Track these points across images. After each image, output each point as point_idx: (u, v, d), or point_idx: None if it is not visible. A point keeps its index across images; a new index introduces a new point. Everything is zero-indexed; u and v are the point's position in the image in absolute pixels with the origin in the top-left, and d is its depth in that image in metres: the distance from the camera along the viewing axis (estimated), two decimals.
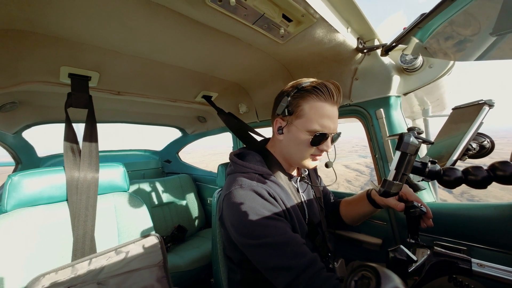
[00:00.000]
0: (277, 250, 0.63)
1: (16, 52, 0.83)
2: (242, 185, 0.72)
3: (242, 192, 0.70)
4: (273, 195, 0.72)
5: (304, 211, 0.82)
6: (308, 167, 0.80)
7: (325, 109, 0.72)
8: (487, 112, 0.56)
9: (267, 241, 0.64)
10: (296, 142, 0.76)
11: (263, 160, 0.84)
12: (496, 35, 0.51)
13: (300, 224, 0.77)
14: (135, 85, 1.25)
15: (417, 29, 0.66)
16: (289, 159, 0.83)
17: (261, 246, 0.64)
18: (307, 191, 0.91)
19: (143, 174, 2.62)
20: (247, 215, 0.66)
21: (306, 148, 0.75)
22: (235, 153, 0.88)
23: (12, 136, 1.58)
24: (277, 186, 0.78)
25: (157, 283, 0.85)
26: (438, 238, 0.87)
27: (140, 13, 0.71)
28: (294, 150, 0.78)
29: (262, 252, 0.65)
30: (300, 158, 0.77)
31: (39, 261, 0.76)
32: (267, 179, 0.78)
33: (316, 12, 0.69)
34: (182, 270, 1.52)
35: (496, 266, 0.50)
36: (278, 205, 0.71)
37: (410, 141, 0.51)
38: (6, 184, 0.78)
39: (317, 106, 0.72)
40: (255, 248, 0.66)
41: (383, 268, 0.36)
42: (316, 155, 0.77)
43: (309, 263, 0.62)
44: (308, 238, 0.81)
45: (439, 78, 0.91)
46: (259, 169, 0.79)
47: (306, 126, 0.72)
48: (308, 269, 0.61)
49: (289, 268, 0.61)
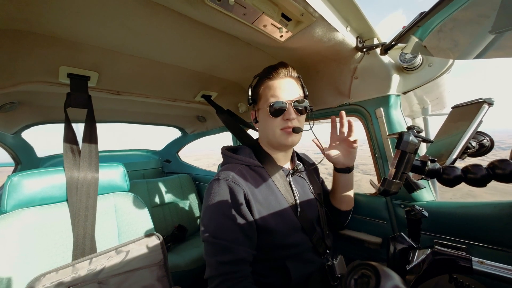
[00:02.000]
0: (216, 251, 0.69)
1: (15, 52, 0.83)
2: (219, 176, 0.76)
3: (216, 184, 0.75)
4: (245, 191, 0.74)
5: (296, 206, 0.81)
6: (284, 143, 0.80)
7: (275, 83, 0.80)
8: (486, 110, 0.56)
9: (214, 241, 0.69)
10: (265, 122, 0.83)
11: (252, 153, 0.87)
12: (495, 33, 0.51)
13: (286, 219, 0.77)
14: (135, 85, 1.25)
15: (416, 28, 0.65)
16: (270, 143, 0.85)
17: (208, 242, 0.70)
18: (302, 186, 0.90)
19: (143, 174, 2.62)
20: (210, 210, 0.73)
21: (273, 122, 0.79)
22: (229, 148, 0.92)
23: (12, 136, 1.58)
24: (261, 179, 0.80)
25: (157, 283, 0.85)
26: (438, 237, 0.88)
27: (139, 13, 0.70)
28: (266, 130, 0.83)
29: (206, 245, 0.72)
30: (273, 135, 0.81)
31: (40, 261, 0.76)
32: (254, 171, 0.81)
33: (315, 11, 0.69)
34: (183, 270, 1.53)
35: (496, 264, 0.50)
36: (244, 205, 0.73)
37: (409, 140, 0.51)
38: (5, 184, 0.78)
39: (269, 84, 0.81)
40: (204, 240, 0.72)
41: (383, 266, 0.36)
42: (285, 128, 0.78)
43: (232, 273, 0.66)
44: (304, 234, 0.80)
45: (438, 76, 0.91)
46: (246, 160, 0.83)
47: (264, 104, 0.80)
48: (228, 276, 0.66)
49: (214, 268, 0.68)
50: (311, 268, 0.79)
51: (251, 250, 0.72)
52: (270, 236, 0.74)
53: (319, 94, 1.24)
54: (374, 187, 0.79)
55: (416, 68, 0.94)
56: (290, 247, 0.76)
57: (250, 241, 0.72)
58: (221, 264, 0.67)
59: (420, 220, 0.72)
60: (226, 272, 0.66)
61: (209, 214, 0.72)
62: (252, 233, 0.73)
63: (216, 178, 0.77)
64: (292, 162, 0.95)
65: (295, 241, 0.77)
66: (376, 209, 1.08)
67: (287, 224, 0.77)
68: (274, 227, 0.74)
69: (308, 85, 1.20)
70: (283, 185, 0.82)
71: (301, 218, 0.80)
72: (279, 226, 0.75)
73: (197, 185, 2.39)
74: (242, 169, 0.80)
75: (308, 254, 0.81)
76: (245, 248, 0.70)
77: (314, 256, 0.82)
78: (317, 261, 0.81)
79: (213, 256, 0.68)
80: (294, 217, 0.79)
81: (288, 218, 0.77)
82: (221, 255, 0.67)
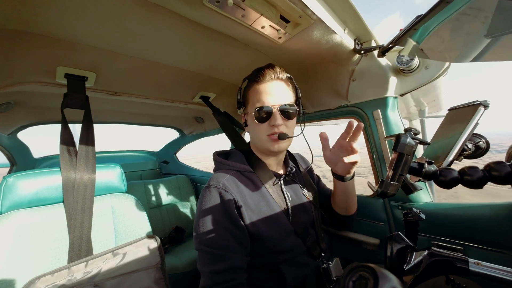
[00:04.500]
0: (208, 259, 0.68)
1: (11, 52, 0.82)
2: (210, 184, 0.76)
3: (207, 192, 0.74)
4: (235, 198, 0.73)
5: (288, 211, 0.80)
6: (271, 150, 0.78)
7: (261, 87, 0.78)
8: (482, 112, 0.57)
9: (206, 249, 0.69)
10: (252, 127, 0.82)
11: (244, 158, 0.86)
12: (490, 37, 0.52)
13: (278, 224, 0.76)
14: (132, 86, 1.25)
15: (413, 31, 0.66)
16: (259, 148, 0.85)
17: (200, 250, 0.70)
18: (294, 190, 0.88)
19: (141, 175, 2.60)
20: (202, 218, 0.72)
21: (259, 128, 0.78)
22: (220, 153, 0.91)
23: (7, 137, 1.56)
24: (252, 184, 0.79)
25: (154, 285, 0.84)
26: (435, 238, 0.88)
27: (137, 13, 0.70)
28: (253, 135, 0.83)
29: (199, 254, 0.71)
30: (260, 141, 0.80)
31: (35, 264, 0.75)
32: (245, 177, 0.81)
33: (313, 13, 0.69)
34: (180, 272, 1.52)
35: (493, 266, 0.50)
36: (235, 213, 0.72)
37: (407, 142, 0.52)
38: (1, 185, 0.77)
39: (255, 88, 0.79)
40: (197, 248, 0.72)
41: (381, 268, 0.36)
42: (271, 134, 0.76)
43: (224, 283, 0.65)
44: (298, 237, 0.80)
45: (435, 79, 0.92)
46: (237, 166, 0.82)
47: (251, 108, 0.79)
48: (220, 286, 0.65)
49: (207, 277, 0.67)
50: (306, 272, 0.78)
51: (245, 257, 0.71)
52: (263, 242, 0.73)
53: (317, 96, 1.25)
54: (372, 189, 0.80)
55: (413, 71, 0.95)
56: (283, 252, 0.76)
57: (243, 247, 0.71)
58: (215, 274, 0.66)
59: (417, 222, 0.73)
60: (220, 282, 0.65)
61: (201, 222, 0.71)
62: (245, 240, 0.72)
63: (207, 185, 0.76)
64: (285, 165, 0.94)
65: (288, 245, 0.77)
66: (374, 210, 1.08)
67: (279, 229, 0.76)
68: (266, 233, 0.73)
69: (306, 87, 1.21)
70: (275, 190, 0.81)
71: (294, 222, 0.79)
72: (271, 232, 0.74)
73: (195, 186, 2.38)
74: (234, 175, 0.79)
75: (302, 257, 0.80)
76: (239, 255, 0.69)
77: (309, 259, 0.81)
78: (312, 264, 0.81)
79: (206, 265, 0.68)
80: (287, 221, 0.78)
81: (280, 223, 0.77)
82: (214, 264, 0.67)
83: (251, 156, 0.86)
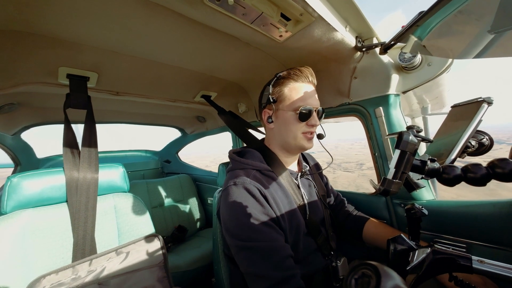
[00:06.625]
0: (258, 256, 0.64)
1: (14, 53, 0.82)
2: (236, 182, 0.74)
3: (235, 189, 0.72)
4: (264, 194, 0.72)
5: (305, 209, 0.82)
6: (305, 147, 0.81)
7: (304, 88, 0.79)
8: (486, 109, 0.56)
9: (251, 245, 0.65)
10: (285, 124, 0.80)
11: (261, 156, 0.85)
12: (494, 33, 0.51)
13: (297, 223, 0.77)
14: (134, 86, 1.25)
15: (415, 27, 0.65)
16: (285, 145, 0.84)
17: (245, 248, 0.66)
18: (308, 188, 0.90)
19: (143, 174, 2.62)
20: (236, 215, 0.69)
21: (296, 126, 0.79)
22: (235, 151, 0.90)
23: (11, 137, 1.57)
24: (274, 182, 0.79)
25: (158, 283, 0.85)
26: (438, 236, 0.88)
27: (138, 13, 0.70)
28: (286, 132, 0.81)
29: (245, 254, 0.66)
30: (294, 138, 0.80)
31: (40, 263, 0.75)
32: (265, 175, 0.80)
33: (314, 11, 0.69)
34: (183, 270, 1.53)
35: (496, 263, 0.50)
36: (268, 207, 0.71)
37: (409, 139, 0.51)
38: (5, 185, 0.77)
39: (296, 87, 0.79)
40: (240, 250, 0.68)
41: (384, 266, 0.36)
42: (308, 132, 0.80)
43: (286, 278, 0.63)
44: (309, 236, 0.81)
45: (438, 76, 0.91)
46: (257, 165, 0.81)
47: (290, 106, 0.78)
48: (284, 284, 0.62)
49: (266, 277, 0.62)
50: (315, 269, 0.79)
51: None
52: (285, 238, 0.73)
53: (318, 94, 1.23)
54: (374, 187, 0.80)
55: (415, 68, 0.94)
56: (297, 249, 0.76)
57: (284, 237, 0.71)
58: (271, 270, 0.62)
59: (420, 219, 0.72)
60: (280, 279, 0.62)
61: (235, 221, 0.68)
62: (283, 232, 0.72)
63: (233, 184, 0.74)
64: (299, 164, 0.95)
65: (302, 242, 0.77)
66: (376, 208, 1.08)
67: (296, 226, 0.77)
68: (286, 229, 0.74)
69: None
70: (292, 188, 0.82)
71: (309, 220, 0.81)
72: (289, 228, 0.75)
73: (197, 185, 2.38)
74: (256, 174, 0.79)
75: (313, 255, 0.81)
76: (287, 245, 0.69)
77: (319, 257, 0.82)
78: (321, 262, 0.81)
79: (259, 263, 0.63)
80: (303, 219, 0.79)
81: (297, 220, 0.78)
82: (268, 257, 0.63)
83: (268, 153, 0.86)
